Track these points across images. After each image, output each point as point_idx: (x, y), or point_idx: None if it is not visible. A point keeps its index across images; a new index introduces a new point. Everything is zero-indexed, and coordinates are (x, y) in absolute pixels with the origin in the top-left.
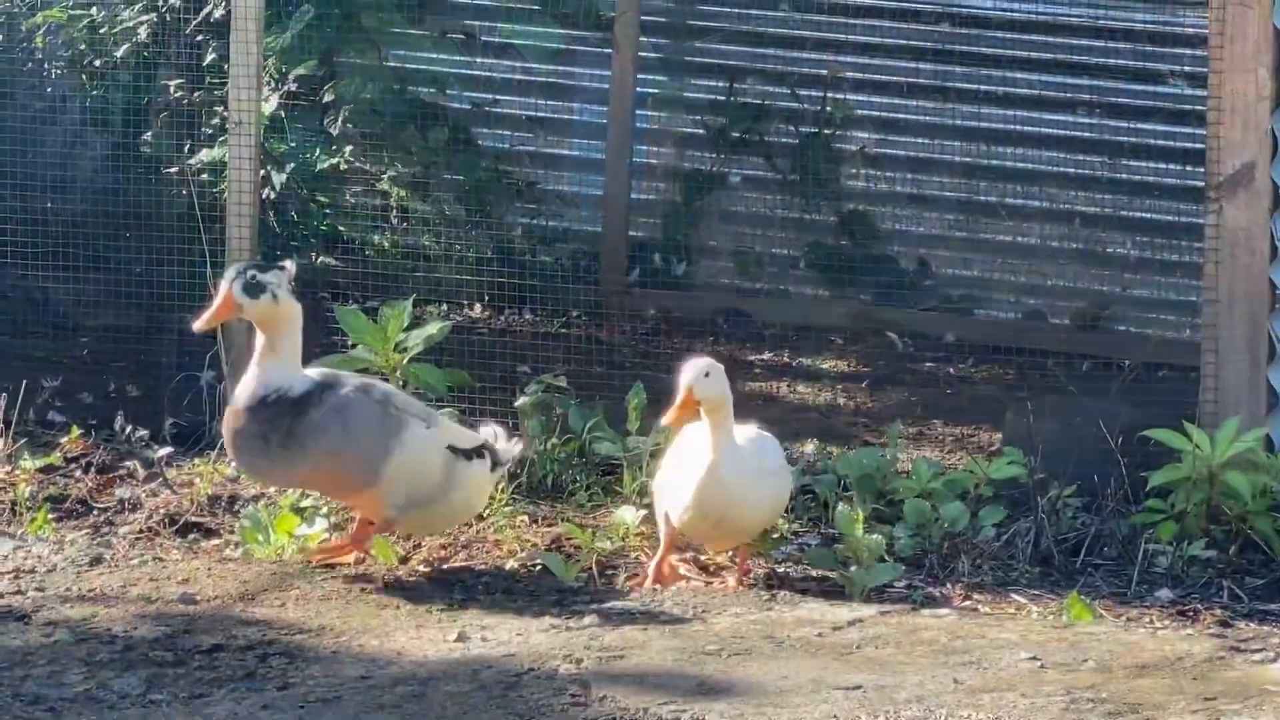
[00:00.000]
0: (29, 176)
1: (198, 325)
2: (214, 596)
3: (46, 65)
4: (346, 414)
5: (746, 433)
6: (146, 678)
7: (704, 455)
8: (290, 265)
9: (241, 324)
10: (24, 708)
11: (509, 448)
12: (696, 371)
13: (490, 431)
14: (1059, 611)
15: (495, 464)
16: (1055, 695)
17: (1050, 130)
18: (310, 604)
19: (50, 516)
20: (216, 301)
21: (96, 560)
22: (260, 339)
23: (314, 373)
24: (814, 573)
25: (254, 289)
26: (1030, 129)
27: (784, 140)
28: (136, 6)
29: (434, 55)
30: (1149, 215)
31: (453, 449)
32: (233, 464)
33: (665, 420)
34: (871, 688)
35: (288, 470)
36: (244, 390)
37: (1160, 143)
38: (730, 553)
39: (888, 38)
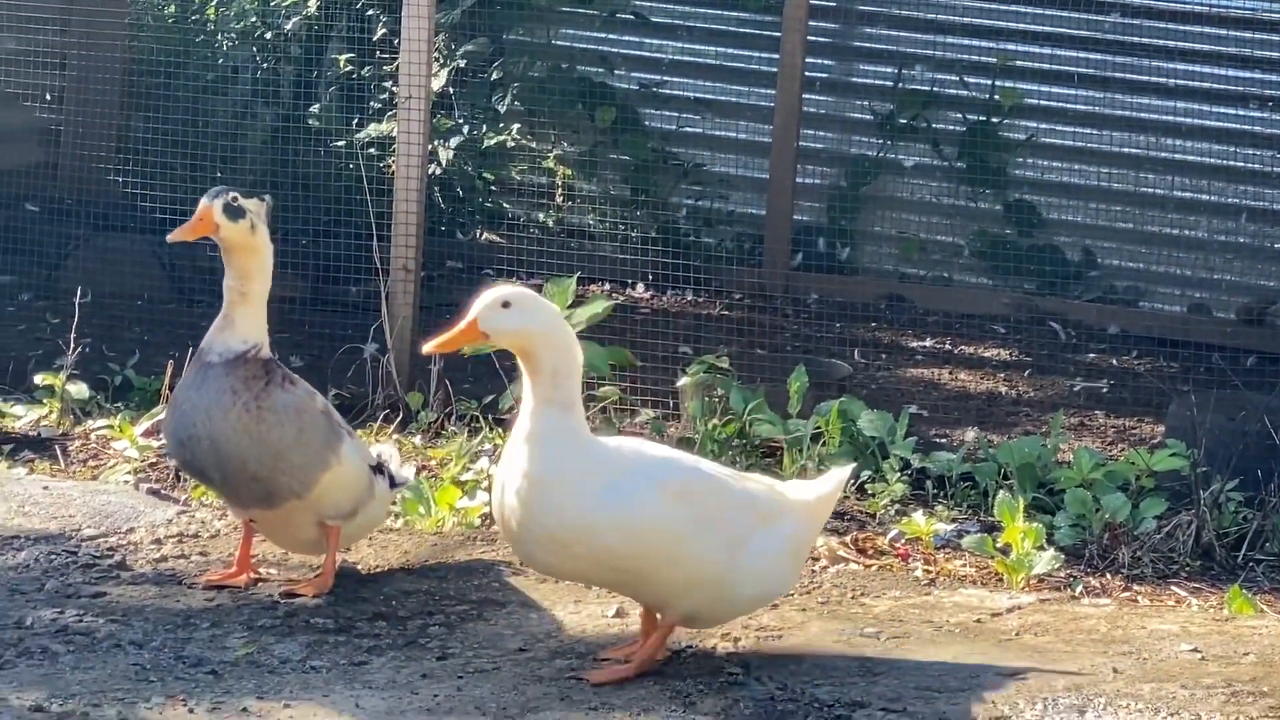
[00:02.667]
0: (199, 147)
1: (171, 237)
2: (375, 566)
3: (219, 37)
4: (304, 417)
5: (655, 450)
6: (307, 644)
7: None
8: (269, 199)
9: (407, 297)
10: (186, 669)
11: (405, 472)
12: (491, 299)
13: (385, 451)
14: (1219, 605)
15: (393, 483)
16: (1216, 688)
17: (1219, 124)
18: (471, 576)
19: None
20: (195, 218)
21: None
22: (230, 281)
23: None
24: (973, 559)
25: (234, 211)
26: (1199, 122)
27: (951, 127)
28: None
29: (603, 35)
30: None
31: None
32: (163, 444)
33: (428, 345)
34: (1030, 674)
35: (235, 441)
36: (217, 341)
37: None
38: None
39: (1058, 26)
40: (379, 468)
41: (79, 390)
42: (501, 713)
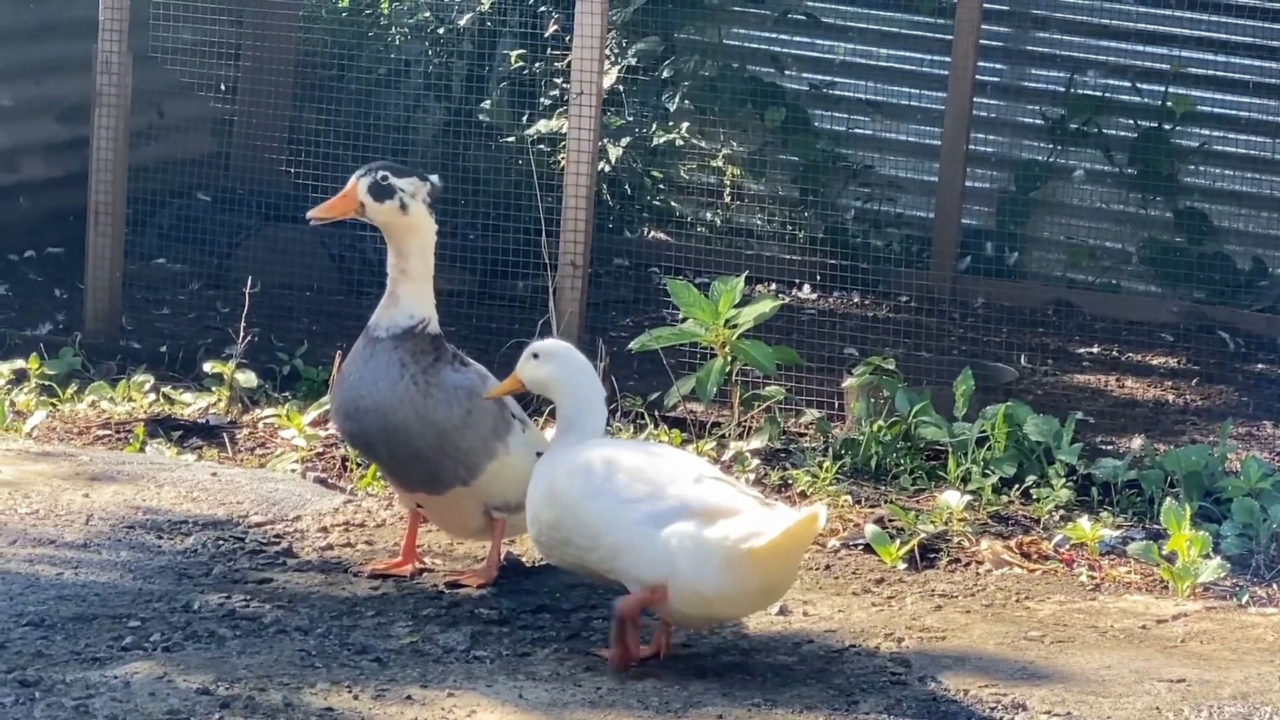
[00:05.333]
0: (370, 139)
1: (311, 213)
2: (539, 558)
3: (391, 31)
4: (474, 400)
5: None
6: (471, 634)
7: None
8: (435, 180)
9: (574, 293)
10: (351, 656)
11: None
12: (527, 353)
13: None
14: None
15: None
16: None
17: None
18: None
19: (379, 473)
20: (338, 195)
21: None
22: (391, 259)
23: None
24: (1138, 566)
25: (381, 191)
26: None
27: (1122, 134)
28: None
29: (774, 34)
30: None
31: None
32: (330, 434)
33: (489, 393)
34: (1195, 681)
35: (402, 414)
36: (384, 317)
37: None
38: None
39: (1233, 34)
40: None
41: (247, 379)
42: (664, 706)
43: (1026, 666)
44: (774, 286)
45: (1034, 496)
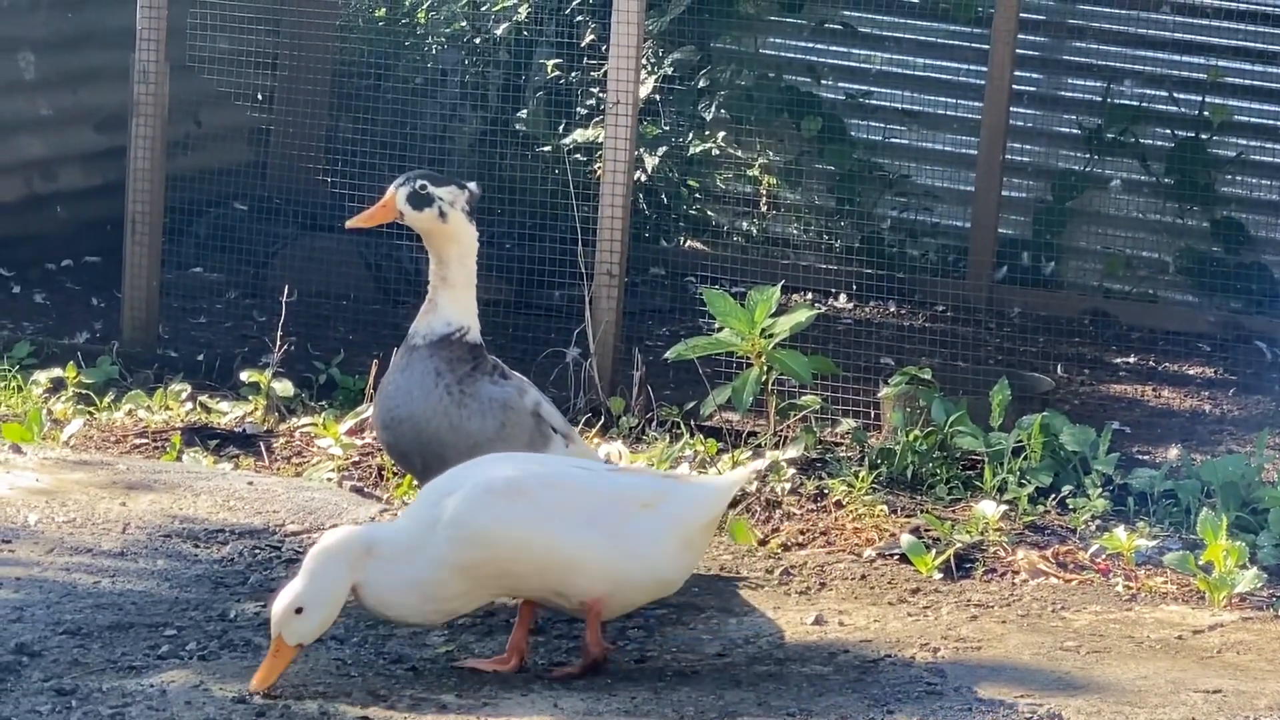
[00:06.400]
0: (406, 149)
1: (351, 222)
2: None
3: (428, 40)
4: (509, 413)
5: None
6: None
7: None
8: (474, 187)
9: (611, 303)
10: (386, 665)
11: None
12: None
13: (614, 451)
14: None
15: None
16: None
17: None
18: None
19: (415, 483)
20: (377, 204)
21: None
22: (432, 266)
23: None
24: (1174, 576)
25: (420, 199)
26: None
27: (1159, 143)
28: None
29: (810, 44)
30: None
31: None
32: (373, 432)
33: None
34: (1231, 692)
35: (435, 424)
36: (422, 324)
37: None
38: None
39: (1271, 43)
40: None
41: (284, 388)
42: (699, 716)
43: (1062, 677)
44: (810, 296)
45: (1070, 506)
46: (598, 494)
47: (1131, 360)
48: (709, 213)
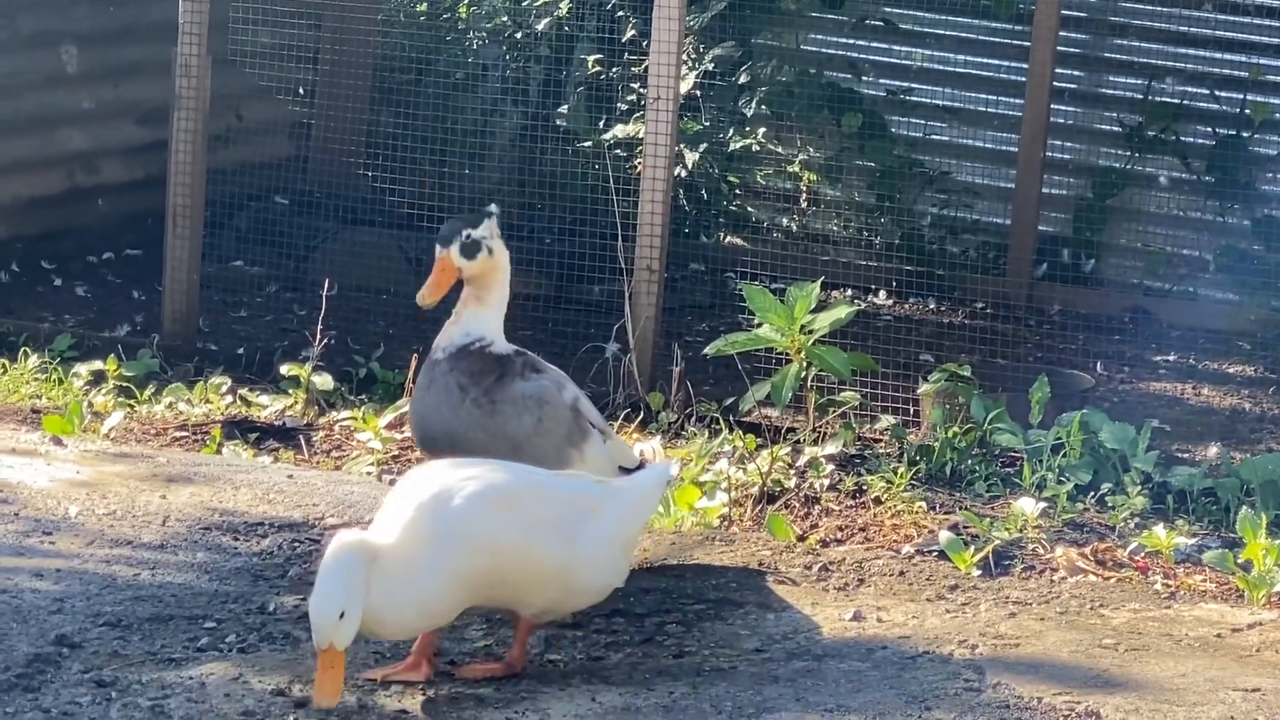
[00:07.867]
0: (447, 144)
1: (423, 300)
2: None
3: (469, 35)
4: (545, 408)
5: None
6: (544, 638)
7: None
8: (494, 209)
9: (650, 298)
10: None
11: (669, 470)
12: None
13: (649, 448)
14: None
15: None
16: None
17: None
18: (708, 576)
19: None
20: (436, 271)
21: None
22: (468, 291)
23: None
24: (1213, 574)
25: (471, 249)
26: None
27: (1200, 141)
28: None
29: (851, 40)
30: None
31: (622, 468)
32: (408, 430)
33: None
34: (1270, 691)
35: (470, 436)
36: (443, 338)
37: None
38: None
39: None
40: (642, 468)
41: (324, 381)
42: (737, 712)
43: (1100, 674)
44: (849, 292)
45: (1109, 504)
46: (564, 500)
47: (1171, 358)
48: (749, 208)
